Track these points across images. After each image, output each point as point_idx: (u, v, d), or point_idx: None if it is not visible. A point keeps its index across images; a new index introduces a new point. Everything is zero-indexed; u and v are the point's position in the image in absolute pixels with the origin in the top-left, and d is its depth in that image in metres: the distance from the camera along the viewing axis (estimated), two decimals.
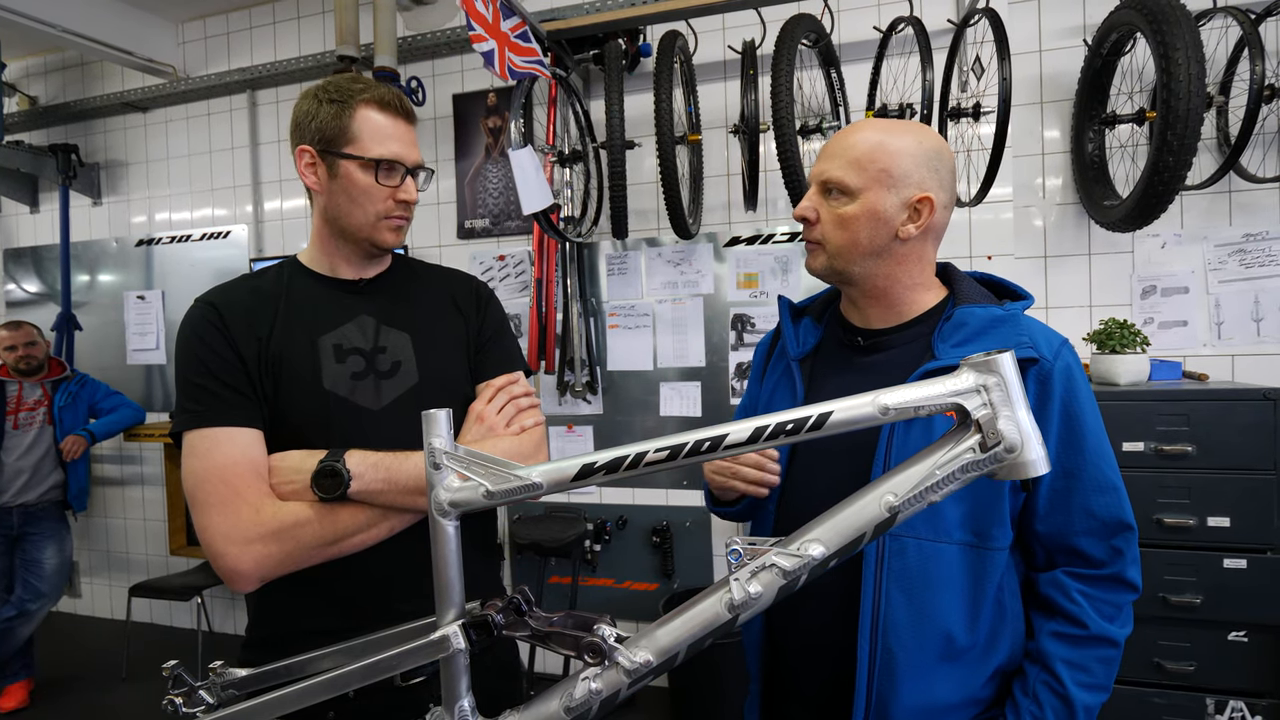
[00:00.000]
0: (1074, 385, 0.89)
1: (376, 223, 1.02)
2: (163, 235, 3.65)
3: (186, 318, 0.99)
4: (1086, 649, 0.88)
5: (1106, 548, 0.88)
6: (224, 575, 0.89)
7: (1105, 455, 0.90)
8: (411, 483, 0.92)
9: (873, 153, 0.91)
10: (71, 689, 3.10)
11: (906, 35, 2.22)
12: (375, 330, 1.04)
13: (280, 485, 0.92)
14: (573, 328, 2.83)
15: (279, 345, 0.98)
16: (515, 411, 1.06)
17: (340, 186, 1.00)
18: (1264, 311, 2.38)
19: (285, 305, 1.01)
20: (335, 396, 0.98)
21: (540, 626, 0.66)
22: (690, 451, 0.61)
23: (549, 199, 2.28)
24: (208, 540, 0.89)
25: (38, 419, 3.04)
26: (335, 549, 0.92)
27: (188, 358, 0.96)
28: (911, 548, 0.88)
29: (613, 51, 2.37)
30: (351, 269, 1.08)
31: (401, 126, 1.02)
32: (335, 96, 0.99)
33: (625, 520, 2.90)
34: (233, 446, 0.91)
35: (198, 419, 0.92)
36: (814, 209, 0.95)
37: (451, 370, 1.08)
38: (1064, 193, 2.56)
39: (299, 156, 1.01)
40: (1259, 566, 1.91)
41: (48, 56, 3.85)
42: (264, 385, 0.96)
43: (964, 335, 0.91)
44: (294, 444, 0.95)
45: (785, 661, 1.02)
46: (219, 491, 0.89)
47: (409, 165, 1.02)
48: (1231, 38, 2.29)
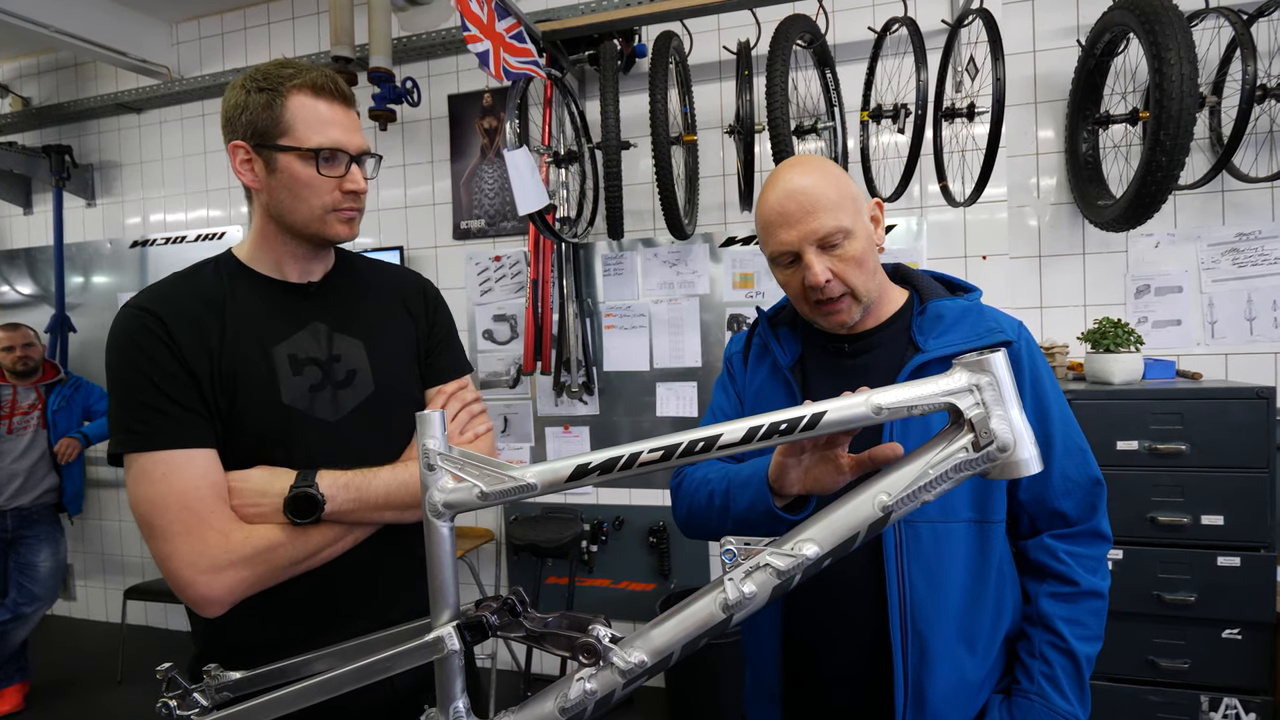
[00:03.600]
0: (1036, 361, 0.98)
1: (324, 216, 0.96)
2: (157, 237, 3.64)
3: (121, 327, 0.90)
4: (1080, 604, 0.94)
5: (1084, 505, 0.96)
6: (192, 603, 0.86)
7: (1070, 422, 0.98)
8: (380, 499, 0.93)
9: (835, 187, 0.94)
10: (67, 692, 3.09)
11: (901, 36, 2.22)
12: (328, 338, 0.99)
13: (244, 507, 0.88)
14: (569, 328, 2.82)
15: (231, 358, 0.91)
16: (469, 418, 1.05)
17: (280, 182, 0.93)
18: (1257, 310, 2.39)
19: (233, 312, 0.94)
20: (296, 411, 0.94)
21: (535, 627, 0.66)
22: (684, 452, 0.61)
23: (545, 199, 2.27)
24: (172, 569, 0.84)
25: (32, 423, 3.02)
26: (305, 565, 0.91)
27: (129, 373, 0.87)
28: (925, 531, 0.93)
29: (608, 52, 2.37)
30: (298, 269, 1.01)
31: (339, 111, 0.95)
32: (264, 85, 0.92)
33: (622, 521, 2.90)
34: (191, 470, 0.86)
35: (147, 441, 0.86)
36: (827, 270, 0.93)
37: (405, 377, 1.06)
38: (1058, 192, 2.57)
39: (233, 153, 0.95)
40: (1253, 564, 1.92)
41: (41, 57, 3.84)
42: (218, 401, 0.90)
43: (943, 327, 0.97)
44: (251, 459, 0.91)
45: (812, 663, 1.02)
46: (181, 518, 0.84)
47: (352, 152, 0.95)
48: (1224, 38, 2.30)
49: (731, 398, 1.15)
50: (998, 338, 0.94)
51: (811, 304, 0.98)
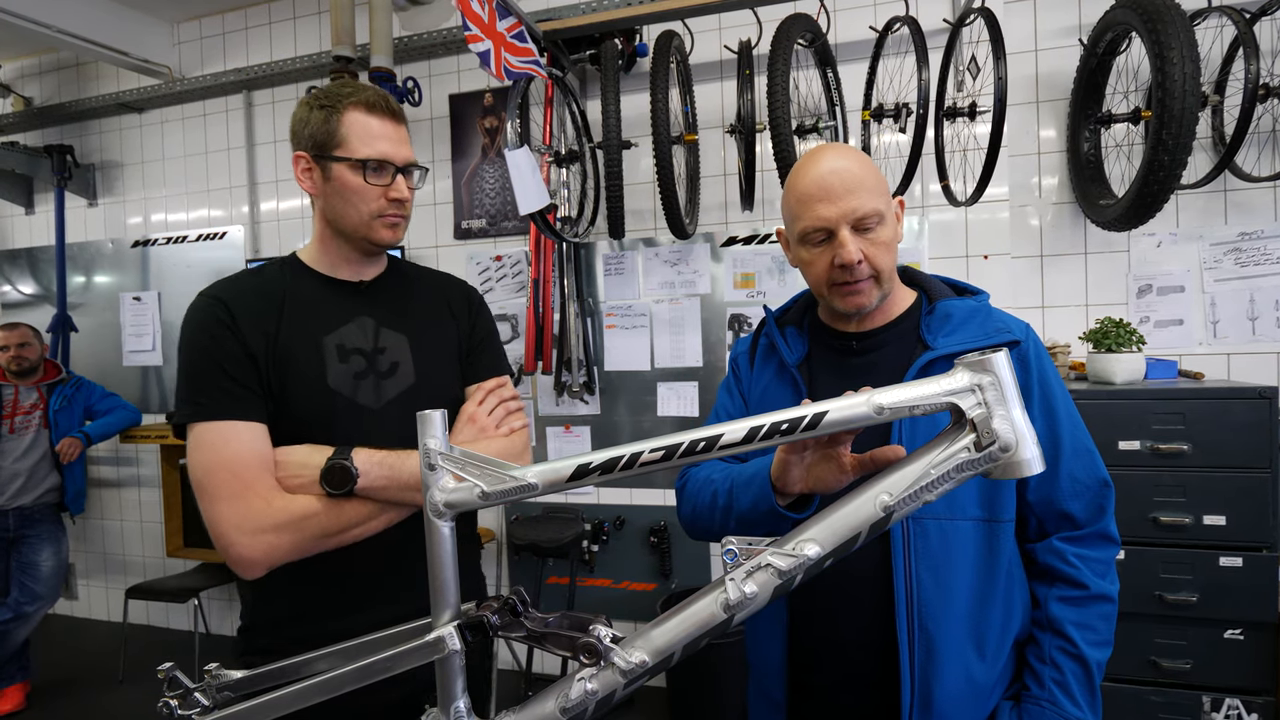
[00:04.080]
0: (1044, 362, 0.98)
1: (371, 221, 1.05)
2: (158, 236, 3.64)
3: (194, 310, 1.01)
4: (1090, 608, 0.93)
5: (1092, 506, 0.95)
6: (233, 563, 0.93)
7: (1078, 424, 0.97)
8: (412, 479, 0.97)
9: (875, 174, 0.95)
10: (68, 691, 3.09)
11: (902, 35, 2.22)
12: (375, 332, 1.08)
13: (287, 479, 0.95)
14: (570, 328, 2.82)
15: (285, 344, 1.01)
16: (505, 414, 1.11)
17: (334, 189, 1.03)
18: (1259, 310, 2.39)
19: (290, 304, 1.04)
20: (340, 395, 1.02)
21: (536, 627, 0.66)
22: (685, 451, 0.61)
23: (546, 199, 2.27)
24: (218, 530, 0.92)
25: (33, 422, 3.02)
26: (338, 539, 0.96)
27: (196, 352, 0.98)
28: (932, 529, 0.92)
29: (609, 51, 2.37)
30: (351, 270, 1.11)
31: (389, 126, 1.05)
32: (325, 102, 1.03)
33: (623, 520, 2.90)
34: (241, 440, 0.94)
35: (206, 412, 0.95)
36: (859, 250, 0.93)
37: (445, 372, 1.13)
38: (1060, 192, 2.56)
39: (295, 163, 1.05)
40: (1255, 564, 1.91)
41: (42, 57, 3.84)
42: (270, 382, 0.99)
43: (951, 325, 0.97)
44: (296, 438, 0.98)
45: (815, 668, 1.01)
46: (229, 483, 0.92)
47: (398, 164, 1.05)
48: (1226, 37, 2.30)
49: (736, 399, 1.15)
50: (1006, 337, 0.94)
51: (833, 285, 0.97)
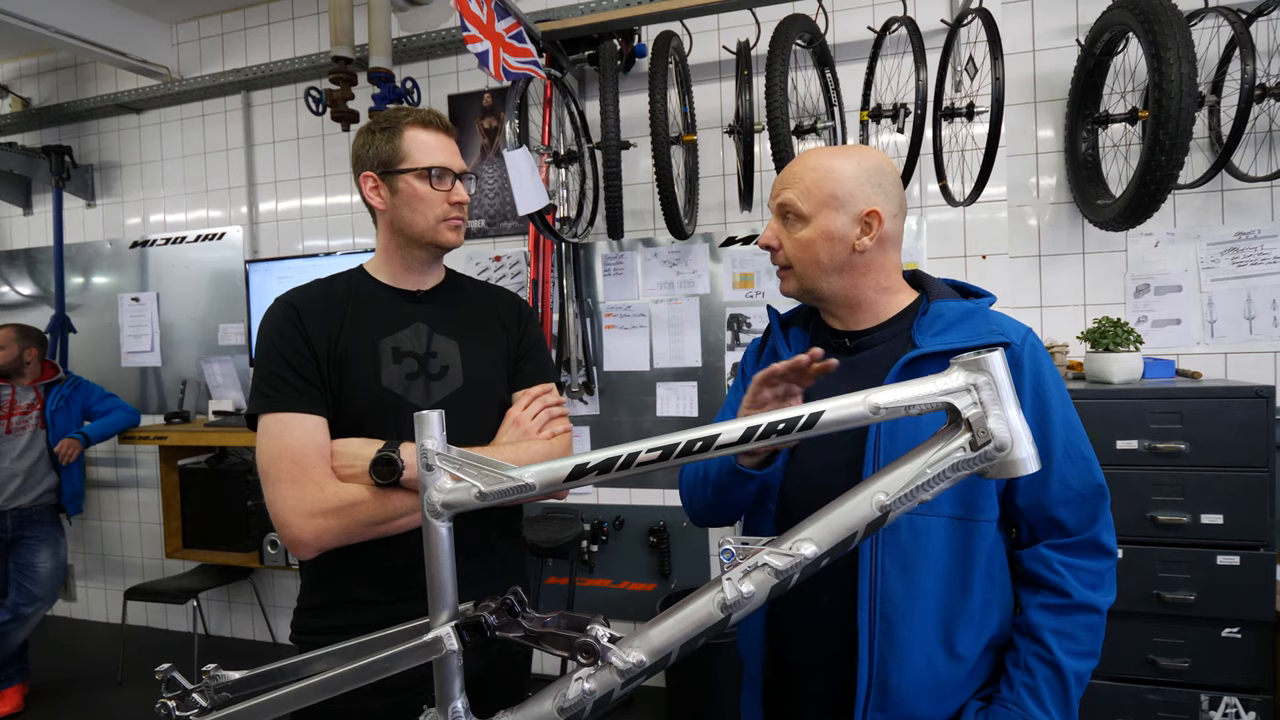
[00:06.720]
0: (1040, 366, 0.96)
1: (437, 225, 1.16)
2: (157, 237, 3.64)
3: (269, 313, 1.12)
4: (1071, 617, 0.92)
5: (1084, 514, 0.93)
6: (288, 542, 1.01)
7: (1075, 429, 0.96)
8: None
9: (820, 180, 0.99)
10: (66, 693, 3.09)
11: (900, 35, 2.22)
12: (428, 337, 1.17)
13: (341, 468, 1.03)
14: (569, 328, 2.82)
15: (346, 345, 1.10)
16: (548, 419, 1.19)
17: (402, 200, 1.14)
18: (1256, 310, 2.39)
19: (353, 310, 1.14)
20: (391, 394, 1.10)
21: (534, 627, 0.67)
22: (682, 451, 0.61)
23: (545, 199, 2.27)
24: (276, 510, 1.00)
25: (30, 423, 3.02)
26: (385, 528, 1.03)
27: (268, 350, 1.08)
28: (904, 522, 0.92)
29: (608, 52, 2.37)
30: (411, 279, 1.21)
31: (443, 139, 1.17)
32: (385, 125, 1.15)
33: (622, 521, 2.90)
34: (302, 430, 1.03)
35: (273, 404, 1.04)
36: (775, 236, 1.03)
37: (492, 377, 1.21)
38: (1058, 192, 2.57)
39: (363, 182, 1.15)
40: (1252, 563, 1.92)
41: (41, 58, 3.83)
42: (330, 379, 1.08)
43: (941, 326, 0.97)
44: (351, 432, 1.07)
45: (788, 650, 1.03)
46: (289, 469, 1.01)
47: (456, 171, 1.17)
48: (1223, 37, 2.30)
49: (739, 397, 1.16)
50: (996, 338, 0.94)
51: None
